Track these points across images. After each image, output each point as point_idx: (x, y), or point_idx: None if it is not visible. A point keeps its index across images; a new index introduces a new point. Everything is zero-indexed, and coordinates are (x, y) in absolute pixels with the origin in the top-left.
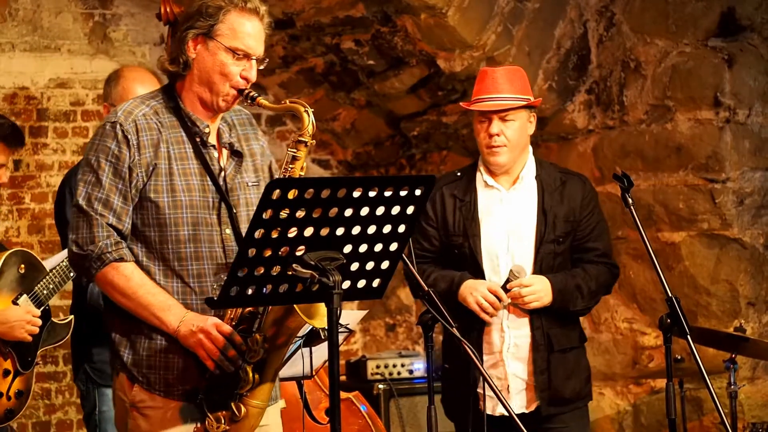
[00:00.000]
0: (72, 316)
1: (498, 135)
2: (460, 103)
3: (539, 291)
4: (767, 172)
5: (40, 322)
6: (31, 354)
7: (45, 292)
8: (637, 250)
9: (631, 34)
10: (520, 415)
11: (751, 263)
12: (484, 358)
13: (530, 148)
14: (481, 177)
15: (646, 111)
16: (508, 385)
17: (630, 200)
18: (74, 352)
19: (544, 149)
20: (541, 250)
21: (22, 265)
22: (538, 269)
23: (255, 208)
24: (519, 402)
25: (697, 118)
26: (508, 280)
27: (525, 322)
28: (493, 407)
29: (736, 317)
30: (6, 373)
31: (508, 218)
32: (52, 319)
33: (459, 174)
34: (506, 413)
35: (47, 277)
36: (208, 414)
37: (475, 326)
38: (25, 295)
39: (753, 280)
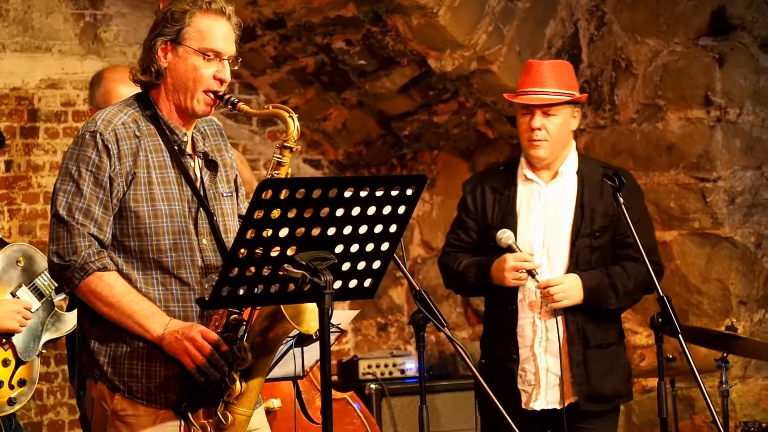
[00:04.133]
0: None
1: (539, 129)
2: (504, 95)
3: (569, 289)
4: (758, 171)
5: (31, 314)
6: (33, 344)
7: (46, 283)
8: None
9: (622, 33)
10: (552, 411)
11: (742, 262)
12: (519, 351)
13: (573, 143)
14: (522, 170)
15: (637, 110)
16: (539, 380)
17: (621, 200)
18: (70, 354)
19: None
20: (577, 243)
21: (21, 258)
22: (574, 263)
23: (230, 218)
24: (551, 397)
25: (688, 117)
26: (510, 248)
27: (556, 313)
28: (526, 401)
29: (727, 316)
30: (6, 362)
31: (545, 212)
32: (57, 310)
33: (502, 168)
34: (540, 408)
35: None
36: (193, 422)
37: (508, 320)
38: (24, 287)
39: (744, 278)
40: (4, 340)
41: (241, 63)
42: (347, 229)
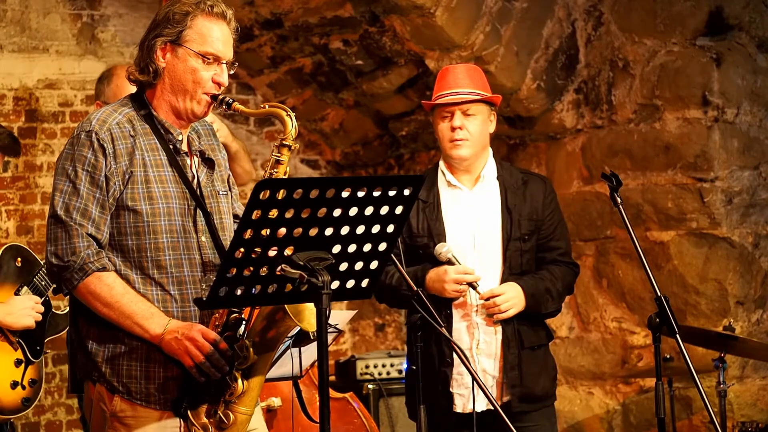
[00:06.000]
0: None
1: (460, 128)
2: (422, 102)
3: (513, 298)
4: (755, 171)
5: (43, 308)
6: (39, 343)
7: (43, 282)
8: (625, 249)
9: (619, 33)
10: (488, 412)
11: (739, 262)
12: (454, 355)
13: (490, 149)
14: (444, 177)
15: (635, 110)
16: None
17: (619, 199)
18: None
19: (533, 149)
20: (509, 247)
21: (18, 259)
22: (507, 267)
23: (227, 216)
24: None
25: (686, 117)
26: (449, 262)
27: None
28: (463, 405)
29: (725, 316)
30: (18, 362)
31: (473, 217)
32: (52, 310)
33: None
34: (477, 410)
35: (44, 268)
36: (194, 422)
37: (443, 324)
38: (26, 287)
39: (742, 279)
40: (15, 340)
41: (238, 63)
42: (345, 230)
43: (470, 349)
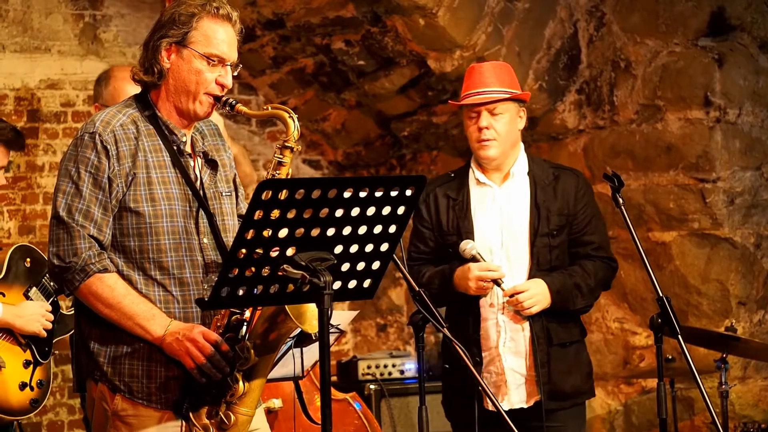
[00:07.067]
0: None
1: (487, 128)
2: (450, 101)
3: (537, 294)
4: (757, 172)
5: (52, 317)
6: (47, 345)
7: (51, 283)
8: (627, 249)
9: (621, 33)
10: (520, 410)
11: (741, 263)
12: (482, 354)
13: (521, 145)
14: (473, 175)
15: (637, 111)
16: (506, 380)
17: (620, 200)
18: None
19: (535, 149)
20: (537, 243)
21: (28, 259)
22: (534, 263)
23: (230, 217)
24: (518, 397)
25: (688, 118)
26: (474, 258)
27: (521, 316)
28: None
29: (727, 317)
30: (27, 363)
31: (500, 214)
32: (61, 310)
33: (452, 175)
34: (506, 409)
35: None
36: (195, 423)
37: (470, 323)
38: (35, 288)
39: (744, 279)
40: (26, 342)
41: (241, 64)
42: (346, 230)
43: (497, 347)
